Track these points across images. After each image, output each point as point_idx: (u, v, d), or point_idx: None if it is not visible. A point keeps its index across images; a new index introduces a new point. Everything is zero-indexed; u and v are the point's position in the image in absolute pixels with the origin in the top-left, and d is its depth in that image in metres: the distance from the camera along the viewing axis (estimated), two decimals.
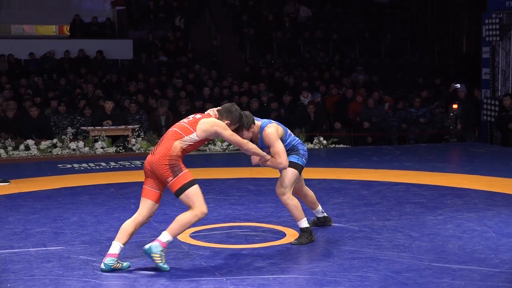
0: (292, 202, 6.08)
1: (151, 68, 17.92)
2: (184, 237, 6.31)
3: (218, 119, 5.42)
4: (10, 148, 12.56)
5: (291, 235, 6.35)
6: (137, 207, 7.59)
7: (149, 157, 5.35)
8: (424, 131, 15.05)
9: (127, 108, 14.29)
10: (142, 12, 20.51)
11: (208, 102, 14.77)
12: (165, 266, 5.27)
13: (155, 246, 5.20)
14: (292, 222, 6.55)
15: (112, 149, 12.85)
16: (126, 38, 19.86)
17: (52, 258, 5.68)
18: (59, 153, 12.63)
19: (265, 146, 5.94)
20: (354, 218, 7.05)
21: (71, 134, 12.98)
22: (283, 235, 6.36)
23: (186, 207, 5.33)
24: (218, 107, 5.57)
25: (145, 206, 5.39)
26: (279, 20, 20.51)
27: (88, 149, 12.79)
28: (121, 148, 12.90)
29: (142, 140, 13.19)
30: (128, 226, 5.38)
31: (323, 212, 6.69)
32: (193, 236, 6.38)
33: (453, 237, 6.25)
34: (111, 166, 11.11)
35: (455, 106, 14.47)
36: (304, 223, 6.12)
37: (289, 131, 6.16)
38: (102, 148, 12.86)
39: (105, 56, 18.48)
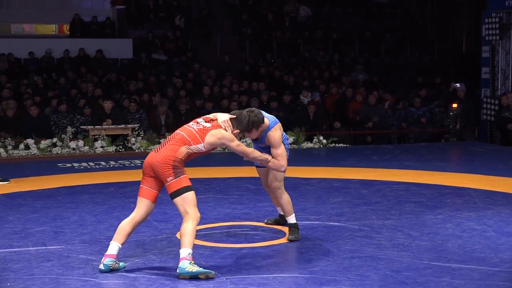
0: (286, 196, 6.20)
1: (151, 67, 17.91)
2: None
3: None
4: (10, 147, 12.56)
5: None
6: None
7: (151, 155, 5.34)
8: (424, 130, 15.05)
9: (126, 107, 14.29)
10: (142, 11, 20.50)
11: (207, 101, 14.77)
12: (204, 269, 5.11)
13: (183, 264, 5.06)
14: None
15: (112, 148, 12.85)
16: (126, 37, 19.84)
17: (52, 257, 5.68)
18: (59, 152, 12.63)
19: (263, 142, 6.00)
20: (354, 217, 7.06)
21: (71, 133, 12.98)
22: (283, 234, 6.36)
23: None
24: (232, 116, 5.56)
25: (143, 205, 5.36)
26: (279, 20, 20.51)
27: (88, 148, 12.79)
28: (121, 147, 12.90)
29: (142, 139, 13.20)
30: (125, 226, 5.36)
31: None
32: None
33: (453, 236, 6.26)
34: (111, 165, 11.12)
35: (454, 105, 14.48)
36: (293, 219, 6.21)
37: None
38: (102, 147, 12.86)
39: (105, 55, 18.47)
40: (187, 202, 5.20)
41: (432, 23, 22.55)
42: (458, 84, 16.28)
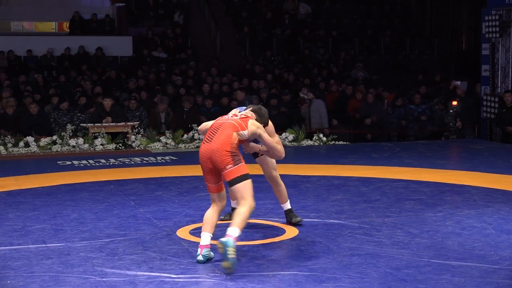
0: (283, 184, 6.56)
1: (151, 64, 17.91)
2: (184, 234, 6.32)
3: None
4: (9, 145, 12.56)
5: (291, 232, 6.35)
6: (137, 204, 7.66)
7: (206, 145, 5.44)
8: (423, 128, 15.05)
9: (126, 105, 14.29)
10: (142, 9, 20.50)
11: (207, 98, 14.77)
12: (235, 259, 5.19)
13: (229, 241, 5.10)
14: None
15: (111, 146, 12.86)
16: (125, 34, 19.84)
17: (52, 255, 5.68)
18: (59, 150, 12.64)
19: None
20: (354, 215, 7.05)
21: (70, 131, 12.98)
22: (283, 232, 6.36)
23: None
24: (249, 108, 5.86)
25: (217, 198, 5.55)
26: (278, 17, 20.51)
27: (88, 146, 12.79)
28: (120, 145, 12.90)
29: (142, 137, 13.20)
30: (211, 217, 5.49)
31: None
32: (193, 233, 6.38)
33: (453, 233, 6.26)
34: (111, 163, 11.11)
35: (454, 103, 14.48)
36: (289, 205, 6.60)
37: None
38: (101, 145, 12.87)
39: (105, 53, 18.47)
40: (246, 190, 5.39)
41: (432, 21, 22.55)
42: (458, 82, 16.29)
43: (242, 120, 5.58)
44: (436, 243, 5.93)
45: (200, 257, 5.36)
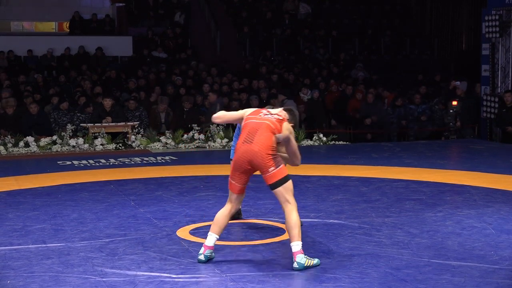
0: None
1: (151, 64, 17.91)
2: (184, 234, 6.32)
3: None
4: (9, 145, 12.56)
5: None
6: (137, 204, 7.65)
7: (246, 146, 5.33)
8: (423, 128, 15.05)
9: (126, 105, 14.29)
10: (142, 9, 20.49)
11: (207, 98, 14.76)
12: (316, 259, 5.33)
13: (300, 259, 5.18)
14: None
15: (111, 146, 12.85)
16: (125, 34, 19.84)
17: (52, 254, 5.68)
18: (59, 150, 12.63)
19: None
20: (354, 215, 7.06)
21: (70, 131, 12.98)
22: (282, 231, 6.36)
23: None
24: (282, 108, 5.69)
25: (235, 199, 5.46)
26: (278, 17, 20.51)
27: (88, 146, 12.79)
28: (120, 145, 12.90)
29: (142, 137, 13.20)
30: (223, 219, 5.45)
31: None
32: (193, 233, 6.38)
33: (453, 233, 6.26)
34: (111, 163, 11.11)
35: (454, 103, 14.48)
36: None
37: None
38: (101, 145, 12.86)
39: (105, 53, 18.47)
40: (288, 192, 5.31)
41: (432, 21, 22.56)
42: (458, 82, 16.28)
43: (277, 121, 5.43)
44: (436, 243, 5.93)
45: (201, 257, 5.37)
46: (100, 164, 11.04)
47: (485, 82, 15.16)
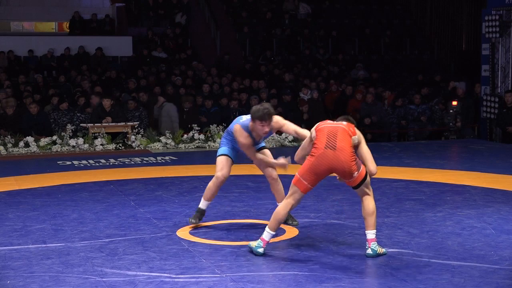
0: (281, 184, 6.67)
1: (151, 64, 17.90)
2: (184, 234, 6.32)
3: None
4: (9, 145, 12.56)
5: (291, 232, 6.35)
6: (137, 204, 7.66)
7: (330, 153, 5.43)
8: (423, 128, 15.05)
9: (126, 105, 14.29)
10: (142, 9, 20.49)
11: (207, 99, 14.76)
12: (385, 250, 5.59)
13: (374, 246, 5.52)
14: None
15: (111, 146, 12.86)
16: (125, 35, 19.84)
17: (52, 255, 5.69)
18: (59, 150, 12.63)
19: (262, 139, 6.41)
20: (354, 214, 7.05)
21: (70, 131, 12.98)
22: (282, 231, 6.36)
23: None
24: (341, 117, 5.93)
25: (300, 197, 5.57)
26: (278, 17, 20.51)
27: (88, 146, 12.79)
28: (120, 145, 12.90)
29: (142, 137, 13.20)
30: (283, 214, 5.59)
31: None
32: (193, 233, 6.38)
33: (453, 234, 6.26)
34: (111, 163, 11.11)
35: (454, 103, 14.48)
36: None
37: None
38: (101, 145, 12.86)
39: (105, 53, 18.47)
40: (368, 186, 5.65)
41: (432, 21, 22.56)
42: (457, 83, 16.30)
43: (348, 125, 5.62)
44: (436, 243, 5.93)
45: (260, 250, 5.53)
46: (100, 164, 11.04)
47: (485, 82, 15.16)
